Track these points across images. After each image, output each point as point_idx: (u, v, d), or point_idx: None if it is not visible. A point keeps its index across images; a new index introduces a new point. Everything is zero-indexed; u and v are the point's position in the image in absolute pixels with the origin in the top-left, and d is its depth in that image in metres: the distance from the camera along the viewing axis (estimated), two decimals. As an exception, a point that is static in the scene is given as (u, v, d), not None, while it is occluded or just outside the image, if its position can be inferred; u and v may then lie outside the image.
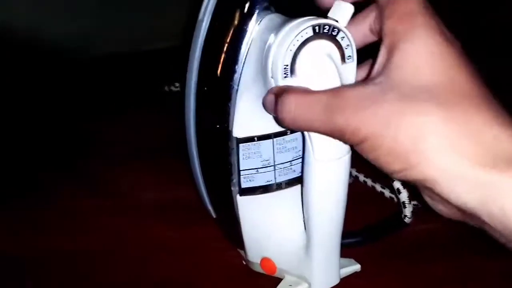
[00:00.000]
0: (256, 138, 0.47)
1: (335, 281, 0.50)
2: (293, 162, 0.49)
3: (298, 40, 0.41)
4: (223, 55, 0.46)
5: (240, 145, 0.47)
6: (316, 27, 0.41)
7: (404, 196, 0.58)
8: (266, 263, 0.52)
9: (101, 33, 1.00)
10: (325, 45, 0.42)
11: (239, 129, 0.47)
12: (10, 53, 0.94)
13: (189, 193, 0.61)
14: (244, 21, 0.45)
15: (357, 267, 0.53)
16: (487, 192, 0.35)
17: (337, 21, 0.42)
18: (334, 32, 0.42)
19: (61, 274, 0.56)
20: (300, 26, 0.41)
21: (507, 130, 0.36)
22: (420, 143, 0.36)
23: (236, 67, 0.45)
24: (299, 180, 0.49)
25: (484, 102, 0.37)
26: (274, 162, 0.49)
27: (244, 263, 0.55)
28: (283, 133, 0.48)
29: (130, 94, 0.92)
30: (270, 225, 0.51)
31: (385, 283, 0.54)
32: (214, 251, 0.58)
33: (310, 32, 0.41)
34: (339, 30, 0.42)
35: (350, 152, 0.44)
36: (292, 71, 0.42)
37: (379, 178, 0.63)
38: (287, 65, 0.41)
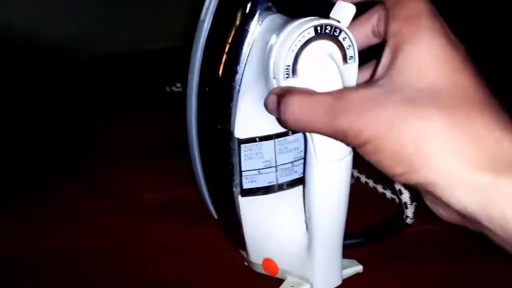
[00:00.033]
0: (257, 139, 0.47)
1: (337, 282, 0.50)
2: (294, 163, 0.49)
3: (300, 41, 0.41)
4: (224, 56, 0.46)
5: (242, 146, 0.47)
6: (318, 28, 0.41)
7: (405, 197, 0.58)
8: (268, 264, 0.52)
9: (101, 33, 1.00)
10: (327, 46, 0.42)
11: (241, 130, 0.47)
12: (10, 53, 0.94)
13: (189, 193, 0.61)
14: (246, 22, 0.45)
15: (359, 268, 0.53)
16: (487, 196, 0.35)
17: (339, 21, 0.42)
18: (336, 33, 0.42)
19: (61, 274, 0.56)
20: (302, 27, 0.41)
21: (509, 134, 0.36)
22: (423, 147, 0.36)
23: (238, 68, 0.45)
24: (300, 181, 0.50)
25: (487, 107, 0.37)
26: (276, 163, 0.48)
27: (246, 264, 0.55)
28: (285, 133, 0.48)
29: (130, 94, 0.92)
30: (271, 226, 0.51)
31: (387, 284, 0.54)
32: (216, 252, 0.58)
33: (312, 33, 0.41)
34: (341, 31, 0.42)
35: (352, 153, 0.44)
36: (294, 72, 0.42)
37: (381, 179, 0.63)
38: (289, 66, 0.41)
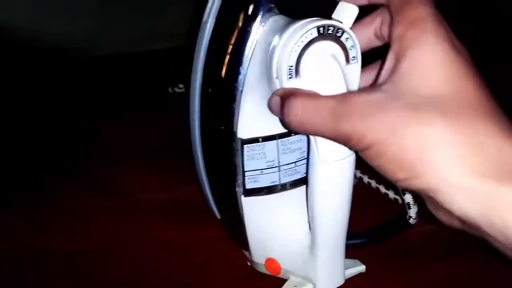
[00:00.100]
0: (260, 139, 0.47)
1: (340, 282, 0.50)
2: (297, 163, 0.49)
3: (302, 41, 0.41)
4: (227, 57, 0.46)
5: (245, 146, 0.47)
6: (321, 28, 0.41)
7: (408, 197, 0.58)
8: (271, 264, 0.52)
9: (101, 33, 1.00)
10: (329, 46, 0.42)
11: (244, 130, 0.47)
12: (10, 53, 0.94)
13: (189, 193, 0.61)
14: (249, 23, 0.45)
15: (362, 268, 0.53)
16: (488, 203, 0.35)
17: (341, 22, 0.42)
18: (339, 33, 0.42)
19: (61, 274, 0.56)
20: (305, 27, 0.41)
21: (511, 142, 0.36)
22: (425, 153, 0.36)
23: (241, 69, 0.45)
24: (303, 181, 0.50)
25: (490, 114, 0.37)
26: (279, 163, 0.49)
27: (249, 264, 0.55)
28: (288, 134, 0.48)
29: (130, 94, 0.92)
30: (274, 226, 0.51)
31: (390, 284, 0.54)
32: (218, 252, 0.58)
33: (314, 33, 0.41)
34: (343, 31, 0.42)
35: (354, 153, 0.44)
36: (297, 72, 0.42)
37: (384, 179, 0.63)
38: (292, 66, 0.41)
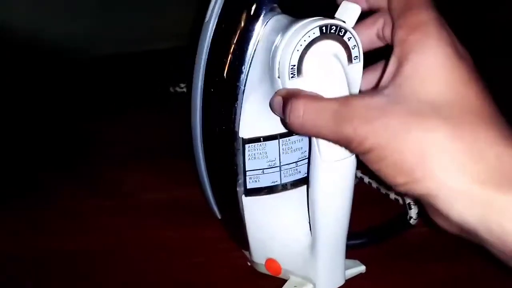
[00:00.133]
0: (262, 139, 0.47)
1: (340, 282, 0.50)
2: (298, 163, 0.49)
3: (305, 41, 0.41)
4: (229, 56, 0.46)
5: (246, 146, 0.47)
6: (323, 28, 0.41)
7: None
8: (271, 264, 0.52)
9: (101, 33, 1.00)
10: (332, 46, 0.42)
11: (245, 130, 0.47)
12: (10, 53, 0.94)
13: (189, 193, 0.61)
14: (251, 23, 0.45)
15: (362, 268, 0.53)
16: (486, 210, 0.35)
17: (344, 21, 0.42)
18: (341, 33, 0.42)
19: (61, 274, 0.56)
20: (307, 27, 0.41)
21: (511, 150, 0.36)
22: (425, 159, 0.36)
23: (243, 68, 0.45)
24: (304, 181, 0.50)
25: (491, 121, 0.37)
26: (280, 163, 0.48)
27: (249, 264, 0.55)
28: (289, 133, 0.48)
29: (130, 94, 0.92)
30: (275, 226, 0.51)
31: (390, 284, 0.54)
32: (218, 252, 0.58)
33: (317, 33, 0.41)
34: (346, 31, 0.42)
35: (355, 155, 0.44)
36: (299, 71, 0.42)
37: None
38: (294, 65, 0.41)
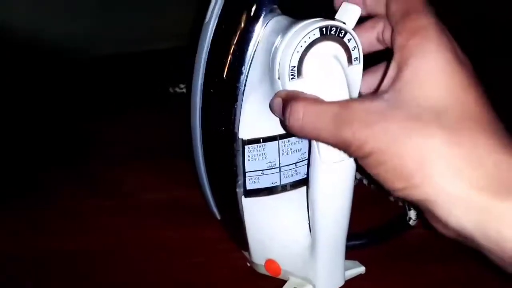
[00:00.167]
0: (261, 140, 0.47)
1: (339, 283, 0.50)
2: (298, 164, 0.49)
3: (305, 42, 0.41)
4: (229, 57, 0.46)
5: (246, 147, 0.47)
6: (323, 29, 0.41)
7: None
8: (271, 264, 0.52)
9: (101, 33, 1.00)
10: (332, 47, 0.42)
11: (245, 131, 0.47)
12: (10, 53, 0.94)
13: (189, 193, 0.61)
14: (251, 23, 0.45)
15: (361, 269, 0.53)
16: (484, 217, 0.35)
17: (344, 23, 0.42)
18: (341, 34, 0.42)
19: (61, 274, 0.56)
20: (307, 28, 0.41)
21: (509, 157, 0.36)
22: (424, 164, 0.36)
23: (243, 69, 0.45)
24: (304, 182, 0.50)
25: (490, 127, 0.37)
26: (280, 164, 0.48)
27: (249, 264, 0.55)
28: (289, 134, 0.48)
29: (130, 94, 0.92)
30: (274, 227, 0.51)
31: (389, 285, 0.54)
32: (217, 252, 0.58)
33: (317, 34, 0.41)
34: (346, 32, 0.42)
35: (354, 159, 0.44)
36: (299, 73, 0.42)
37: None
38: (294, 67, 0.41)
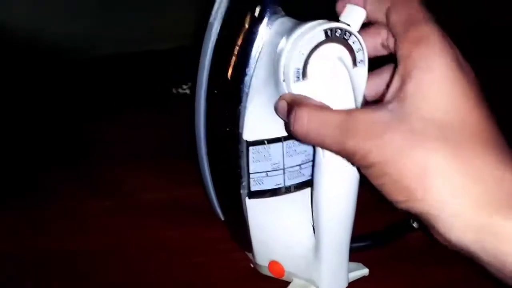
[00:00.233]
0: (266, 141, 0.47)
1: (343, 285, 0.50)
2: (302, 166, 0.49)
3: (310, 44, 0.41)
4: (234, 58, 0.46)
5: (250, 148, 0.47)
6: (328, 31, 0.41)
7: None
8: (274, 266, 0.51)
9: (101, 33, 1.00)
10: (336, 49, 0.42)
11: (249, 132, 0.47)
12: (10, 53, 0.94)
13: (189, 193, 0.61)
14: (255, 25, 0.45)
15: (365, 271, 0.53)
16: (485, 234, 0.35)
17: (349, 25, 0.42)
18: (346, 36, 0.42)
19: (61, 274, 0.56)
20: (312, 30, 0.41)
21: (511, 175, 0.36)
22: (426, 179, 0.36)
23: (247, 70, 0.45)
24: (308, 184, 0.50)
25: (492, 143, 0.37)
26: (284, 165, 0.48)
27: (252, 266, 0.55)
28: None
29: (130, 94, 0.92)
30: (278, 228, 0.51)
31: (392, 286, 0.54)
32: (219, 253, 0.58)
33: (322, 36, 0.41)
34: (350, 34, 0.42)
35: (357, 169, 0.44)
36: (304, 75, 0.42)
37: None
38: (299, 69, 0.41)
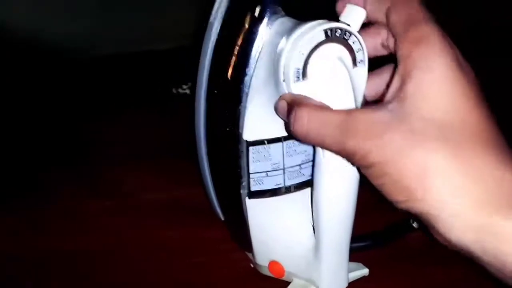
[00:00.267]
0: (266, 141, 0.47)
1: (343, 285, 0.50)
2: (302, 166, 0.49)
3: (310, 44, 0.41)
4: (234, 58, 0.46)
5: (250, 148, 0.47)
6: (328, 31, 0.41)
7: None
8: (274, 266, 0.51)
9: (101, 33, 1.00)
10: (337, 49, 0.42)
11: (249, 132, 0.47)
12: (10, 53, 0.94)
13: (189, 193, 0.61)
14: (255, 25, 0.45)
15: (365, 271, 0.53)
16: (484, 234, 0.35)
17: (349, 25, 0.42)
18: (346, 36, 0.42)
19: (61, 274, 0.56)
20: (312, 30, 0.41)
21: (511, 175, 0.36)
22: (425, 179, 0.36)
23: (247, 70, 0.45)
24: (308, 184, 0.50)
25: (492, 143, 0.37)
26: (284, 165, 0.48)
27: (252, 266, 0.55)
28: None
29: (130, 94, 0.92)
30: (278, 228, 0.51)
31: (392, 286, 0.54)
32: (219, 253, 0.58)
33: (322, 36, 0.41)
34: (351, 34, 0.42)
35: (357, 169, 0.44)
36: (304, 75, 0.42)
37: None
38: (299, 69, 0.41)
